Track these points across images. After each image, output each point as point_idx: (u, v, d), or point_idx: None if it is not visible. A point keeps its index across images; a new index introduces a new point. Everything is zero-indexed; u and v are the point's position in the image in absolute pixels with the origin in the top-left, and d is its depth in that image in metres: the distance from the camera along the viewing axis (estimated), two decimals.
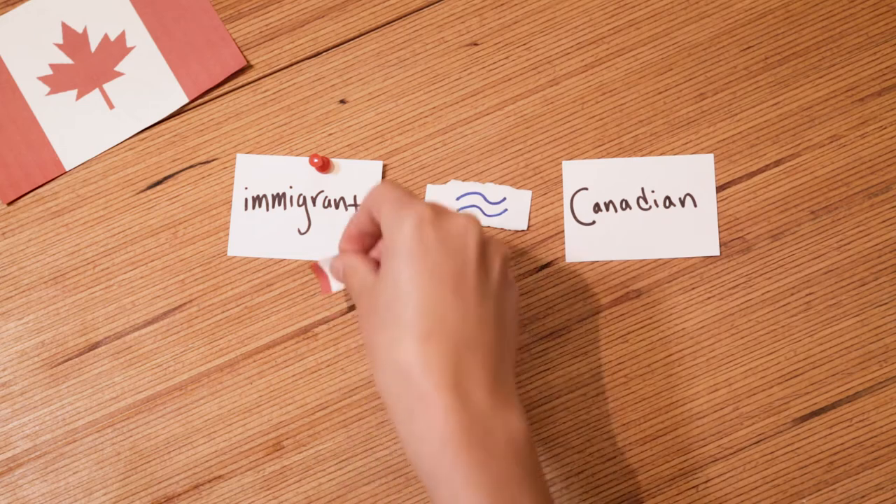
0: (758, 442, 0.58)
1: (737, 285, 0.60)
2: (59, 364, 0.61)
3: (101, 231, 0.62)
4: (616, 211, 0.60)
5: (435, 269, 0.46)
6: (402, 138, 0.62)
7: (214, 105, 0.63)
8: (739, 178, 0.61)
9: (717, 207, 0.60)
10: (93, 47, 0.63)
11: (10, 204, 0.62)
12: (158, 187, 0.62)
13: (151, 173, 0.63)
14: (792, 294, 0.59)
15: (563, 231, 0.60)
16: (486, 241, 0.49)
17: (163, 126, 0.63)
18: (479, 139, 0.62)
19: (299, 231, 0.61)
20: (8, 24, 0.63)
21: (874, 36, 0.62)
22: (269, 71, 0.63)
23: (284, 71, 0.63)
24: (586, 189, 0.60)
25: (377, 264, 0.51)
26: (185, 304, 0.61)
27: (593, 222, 0.60)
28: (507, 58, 0.63)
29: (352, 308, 0.61)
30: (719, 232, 0.60)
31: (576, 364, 0.59)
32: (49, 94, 0.62)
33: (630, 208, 0.60)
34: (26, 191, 0.62)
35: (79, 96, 0.62)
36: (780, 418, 0.58)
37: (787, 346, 0.59)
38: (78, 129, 0.62)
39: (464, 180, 0.61)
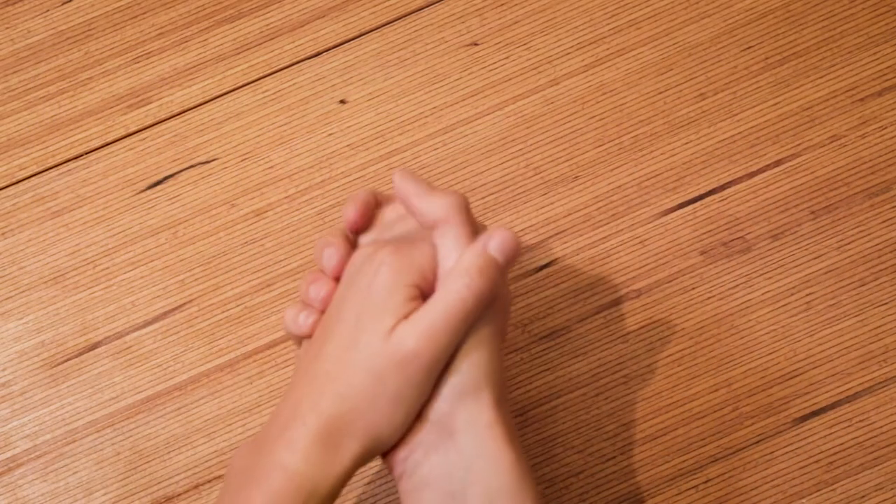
0: (758, 442, 0.58)
1: (737, 285, 0.60)
2: (59, 364, 0.61)
3: (101, 231, 0.62)
4: None
5: None
6: (402, 138, 0.62)
7: (214, 105, 0.63)
8: (739, 178, 0.61)
9: (718, 207, 0.60)
10: None
11: None
12: (158, 187, 0.63)
13: (151, 173, 0.63)
14: (792, 294, 0.59)
15: (563, 231, 0.60)
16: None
17: (163, 126, 0.63)
18: (479, 139, 0.62)
19: None
20: None
21: (874, 36, 0.62)
22: (269, 71, 0.64)
23: (284, 71, 0.63)
24: None
25: None
26: (185, 304, 0.61)
27: None
28: (507, 58, 0.63)
29: None
30: (719, 232, 0.60)
31: (576, 364, 0.59)
32: None
33: None
34: None
35: None
36: (780, 418, 0.58)
37: (787, 346, 0.59)
38: None
39: (464, 180, 0.61)
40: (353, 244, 0.49)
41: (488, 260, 0.44)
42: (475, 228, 0.47)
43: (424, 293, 0.45)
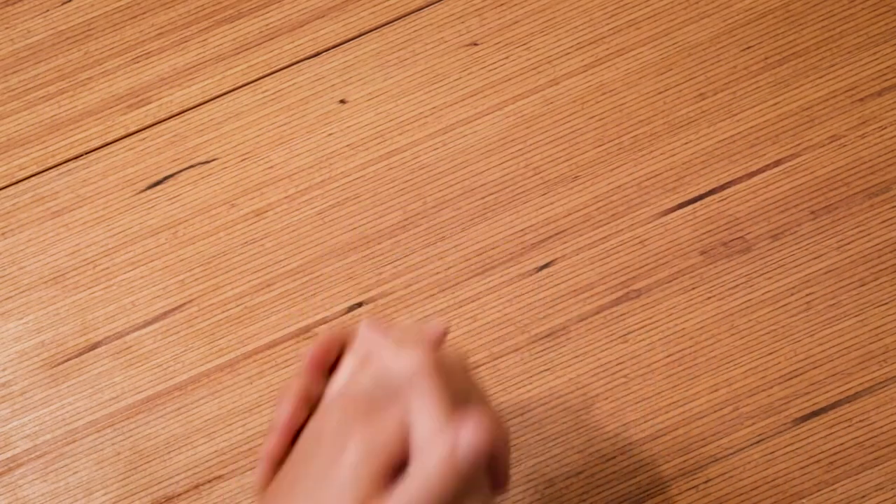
0: (758, 442, 0.58)
1: (737, 285, 0.60)
2: (59, 364, 0.61)
3: (101, 231, 0.62)
4: None
5: None
6: (402, 138, 0.62)
7: (214, 105, 0.63)
8: (739, 178, 0.61)
9: (718, 207, 0.60)
10: None
11: None
12: (158, 187, 0.63)
13: (151, 173, 0.63)
14: (792, 294, 0.59)
15: (563, 231, 0.61)
16: None
17: (163, 126, 0.63)
18: (479, 139, 0.62)
19: None
20: None
21: (874, 36, 0.62)
22: (269, 71, 0.64)
23: (284, 71, 0.63)
24: None
25: None
26: (185, 304, 0.61)
27: None
28: (507, 58, 0.63)
29: (352, 308, 0.61)
30: (719, 232, 0.60)
31: (576, 364, 0.59)
32: None
33: None
34: None
35: None
36: (780, 418, 0.58)
37: (787, 346, 0.59)
38: None
39: (463, 180, 0.61)
40: (321, 385, 0.47)
41: (454, 461, 0.41)
42: (449, 387, 0.44)
43: (394, 473, 0.42)
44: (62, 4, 0.65)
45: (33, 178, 0.63)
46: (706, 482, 0.58)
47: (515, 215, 0.61)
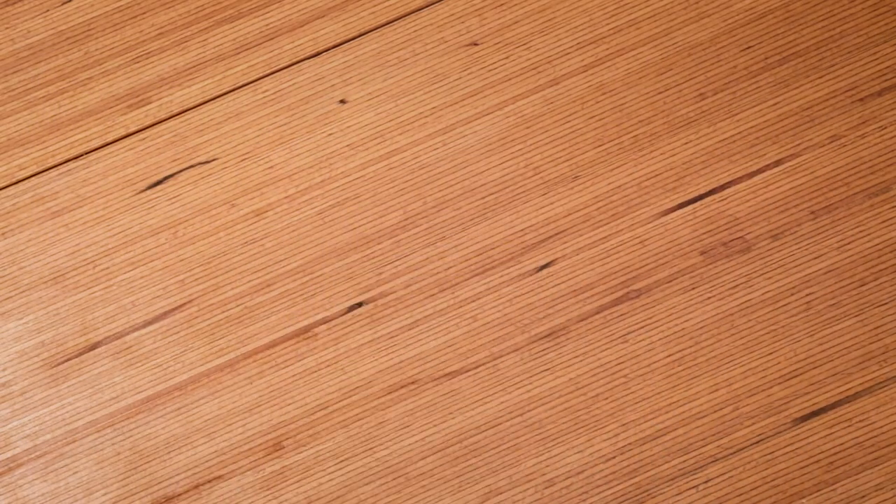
0: (758, 442, 0.58)
1: (737, 285, 0.60)
2: (59, 364, 0.61)
3: (101, 231, 0.62)
4: None
5: None
6: (402, 138, 0.62)
7: (214, 105, 0.63)
8: (739, 178, 0.61)
9: (718, 207, 0.60)
10: None
11: None
12: (158, 187, 0.63)
13: (151, 173, 0.63)
14: (792, 294, 0.59)
15: (563, 231, 0.61)
16: None
17: (163, 126, 0.63)
18: (479, 139, 0.62)
19: None
20: None
21: (874, 36, 0.62)
22: (269, 71, 0.64)
23: (284, 71, 0.63)
24: None
25: None
26: (185, 304, 0.61)
27: None
28: (507, 58, 0.63)
29: (352, 307, 0.61)
30: (719, 232, 0.60)
31: (576, 364, 0.59)
32: None
33: None
34: None
35: None
36: (780, 418, 0.58)
37: (787, 346, 0.59)
38: None
39: (463, 180, 0.61)
40: None
41: None
42: None
43: None
44: (62, 4, 0.65)
45: (33, 178, 0.63)
46: (706, 482, 0.58)
47: (515, 215, 0.61)
